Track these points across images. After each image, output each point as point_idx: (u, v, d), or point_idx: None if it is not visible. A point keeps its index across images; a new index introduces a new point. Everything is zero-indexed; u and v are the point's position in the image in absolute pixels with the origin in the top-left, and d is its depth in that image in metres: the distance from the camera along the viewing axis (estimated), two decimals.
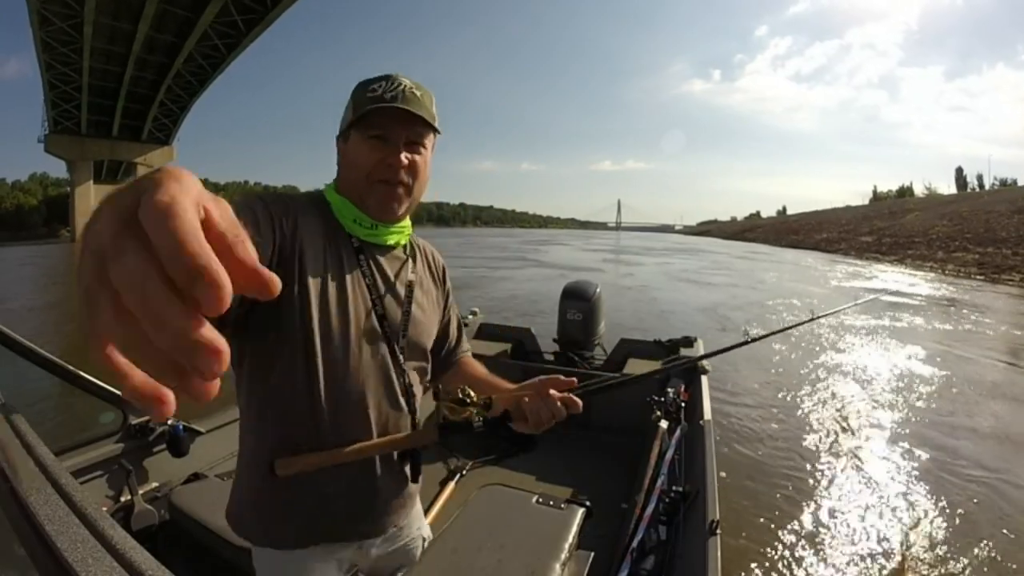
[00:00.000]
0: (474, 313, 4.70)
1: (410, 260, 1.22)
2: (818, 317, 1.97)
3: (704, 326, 10.45)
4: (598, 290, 4.44)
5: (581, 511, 1.74)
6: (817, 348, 9.19)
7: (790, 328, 1.87)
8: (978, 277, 24.37)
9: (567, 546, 1.56)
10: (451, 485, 2.94)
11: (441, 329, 1.34)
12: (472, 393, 1.12)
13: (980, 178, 61.47)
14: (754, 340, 1.63)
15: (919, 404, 6.48)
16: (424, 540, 1.39)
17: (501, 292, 16.41)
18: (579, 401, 1.09)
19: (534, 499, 1.79)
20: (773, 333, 1.79)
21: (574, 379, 1.10)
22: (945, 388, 7.11)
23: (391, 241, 1.17)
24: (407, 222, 1.20)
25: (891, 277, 24.38)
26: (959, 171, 64.98)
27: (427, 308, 1.24)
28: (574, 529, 1.65)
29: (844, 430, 5.50)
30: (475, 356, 1.50)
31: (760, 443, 4.96)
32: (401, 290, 1.17)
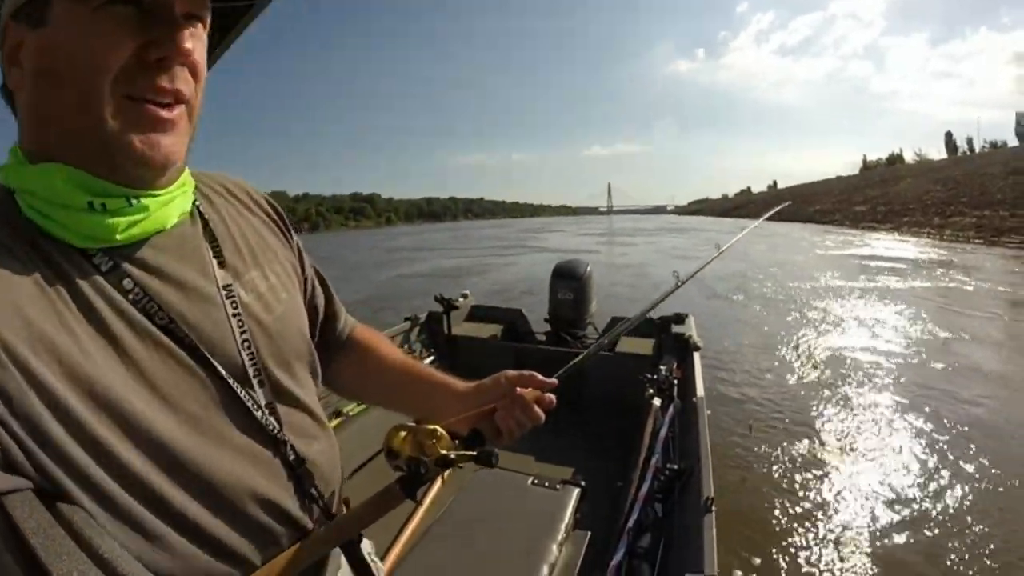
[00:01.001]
0: (465, 296, 4.52)
1: (202, 229, 0.67)
2: (723, 250, 1.99)
3: (694, 301, 10.30)
4: (589, 268, 4.38)
5: (577, 491, 1.75)
6: (820, 318, 9.34)
7: (714, 258, 1.86)
8: (976, 241, 24.54)
9: (563, 527, 1.56)
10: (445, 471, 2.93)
11: (311, 307, 0.84)
12: (436, 429, 0.75)
13: (970, 141, 61.75)
14: (684, 283, 1.54)
15: (917, 364, 6.71)
16: None
17: (509, 276, 16.77)
18: (553, 398, 0.84)
19: (529, 480, 1.80)
20: (698, 270, 1.72)
21: (555, 380, 0.86)
22: (942, 350, 7.28)
23: (171, 218, 0.62)
24: (187, 174, 0.65)
25: (886, 243, 24.64)
26: (948, 136, 65.52)
27: (274, 295, 0.71)
28: (570, 510, 1.66)
29: (840, 399, 5.57)
30: (468, 340, 1.36)
31: (753, 417, 5.00)
32: (215, 297, 0.63)
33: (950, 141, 63.99)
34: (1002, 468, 4.07)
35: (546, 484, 1.77)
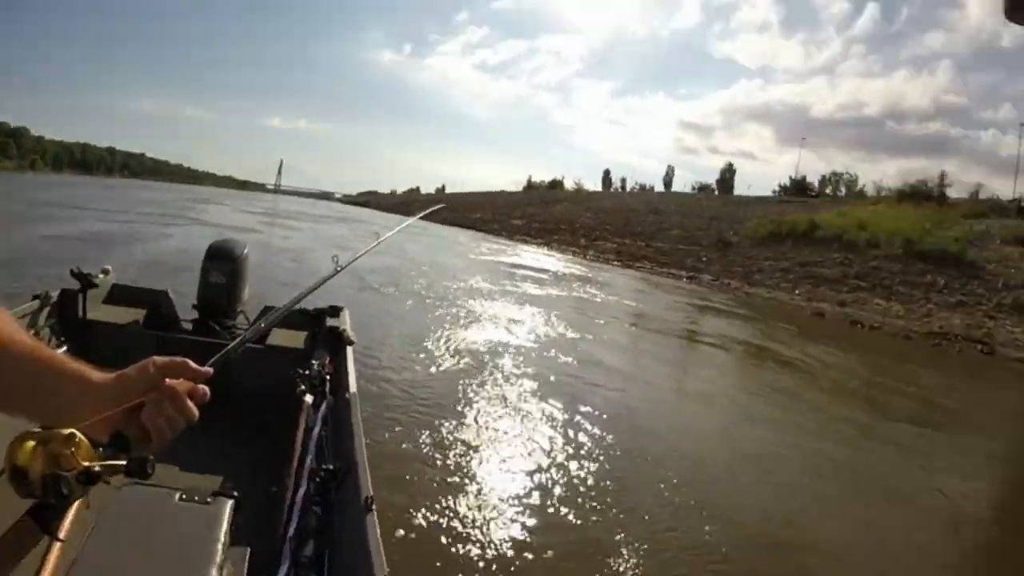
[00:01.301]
0: (106, 272, 3.83)
1: None
2: (384, 238, 2.29)
3: (348, 291, 10.33)
4: (246, 250, 3.99)
5: (230, 503, 1.59)
6: (467, 315, 10.25)
7: (372, 247, 2.04)
8: (615, 263, 29.47)
9: (220, 546, 1.43)
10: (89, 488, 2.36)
11: None
12: (74, 433, 0.60)
13: (624, 181, 73.63)
14: (343, 268, 1.65)
15: (550, 356, 8.08)
16: None
17: (166, 249, 14.90)
18: (206, 390, 0.73)
19: (177, 496, 1.58)
20: (357, 258, 1.84)
21: (210, 369, 0.74)
22: (572, 340, 9.19)
23: None
24: None
25: (535, 255, 28.40)
26: (607, 173, 77.29)
27: None
28: (224, 526, 1.50)
29: (483, 388, 6.25)
30: (105, 326, 1.03)
31: (409, 411, 5.16)
32: None
33: (607, 178, 75.59)
34: (618, 438, 5.34)
35: (196, 498, 1.56)
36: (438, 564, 3.19)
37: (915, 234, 24.11)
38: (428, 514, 3.58)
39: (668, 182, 67.23)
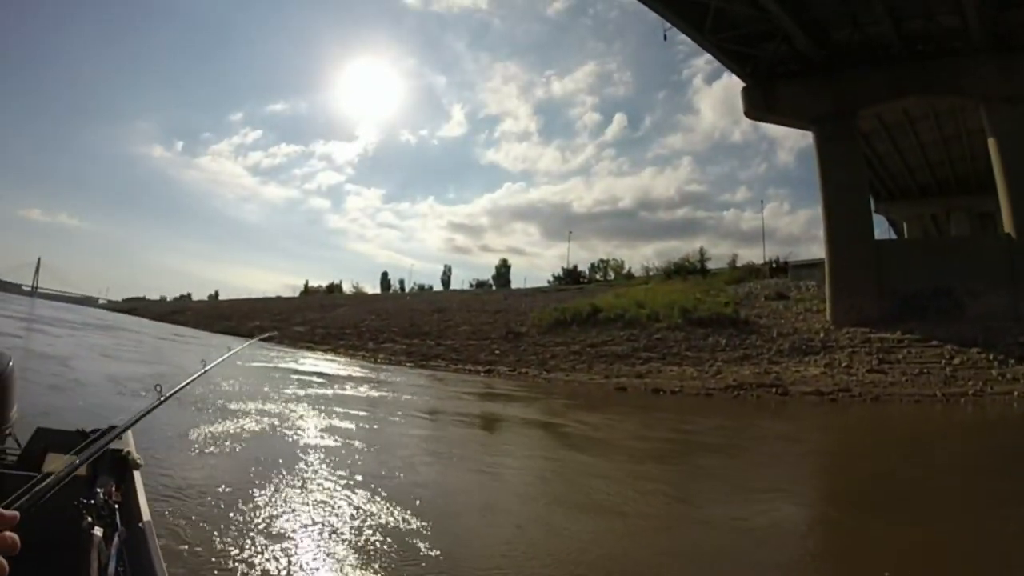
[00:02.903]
0: None
1: None
2: (210, 368, 2.55)
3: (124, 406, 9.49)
4: (11, 363, 3.01)
5: None
6: (267, 423, 9.79)
7: (195, 378, 2.30)
8: (407, 364, 27.95)
9: None
10: None
11: None
12: None
13: (402, 282, 73.06)
14: (168, 398, 1.81)
15: (341, 448, 8.46)
16: None
17: None
18: (16, 539, 0.65)
19: None
20: (183, 386, 2.09)
21: (16, 513, 0.67)
22: (371, 434, 9.90)
23: None
24: None
25: (321, 362, 26.29)
26: (384, 275, 76.14)
27: None
28: None
29: (283, 483, 6.37)
30: None
31: (220, 534, 4.88)
32: None
33: (385, 280, 74.57)
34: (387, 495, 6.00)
35: None
36: None
37: (689, 304, 26.01)
38: None
39: (446, 281, 67.60)
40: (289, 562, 4.45)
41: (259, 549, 4.67)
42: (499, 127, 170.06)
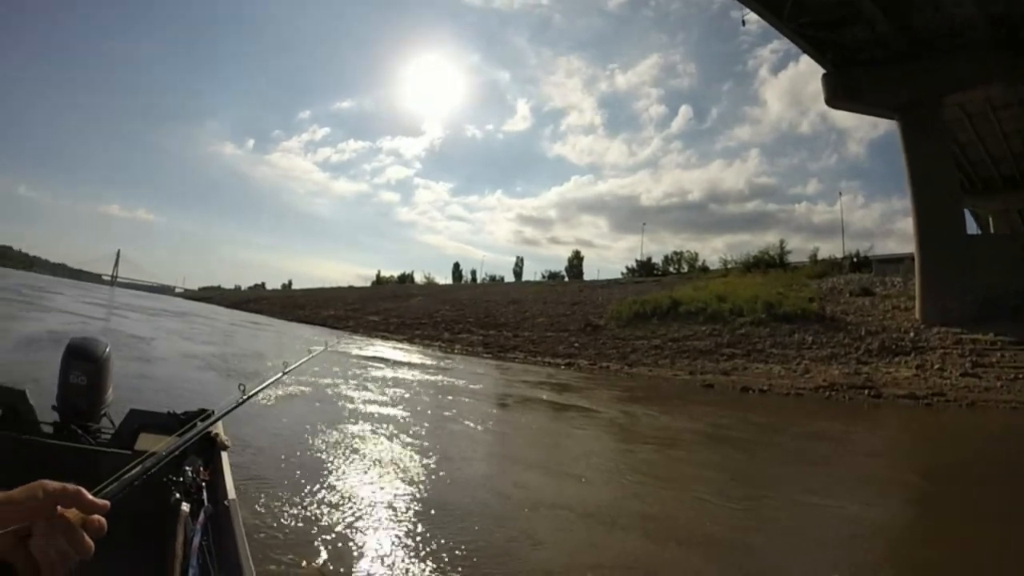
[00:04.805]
0: None
1: None
2: (290, 370, 2.63)
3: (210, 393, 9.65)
4: (108, 350, 3.74)
5: None
6: (347, 411, 9.88)
7: (276, 379, 2.37)
8: (485, 355, 28.44)
9: None
10: None
11: None
12: None
13: (474, 273, 73.85)
14: (250, 396, 1.89)
15: (425, 433, 8.62)
16: None
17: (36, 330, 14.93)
18: (103, 523, 0.70)
19: None
20: (264, 386, 2.17)
21: (107, 502, 0.73)
22: (442, 421, 10.01)
23: None
24: None
25: (401, 352, 26.41)
26: (456, 266, 77.02)
27: None
28: None
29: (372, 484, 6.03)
30: None
31: (296, 516, 4.92)
32: None
33: (457, 270, 75.45)
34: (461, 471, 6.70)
35: None
36: None
37: (772, 298, 25.76)
38: None
39: (519, 272, 68.47)
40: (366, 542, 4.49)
41: (335, 527, 4.75)
42: (564, 121, 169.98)
